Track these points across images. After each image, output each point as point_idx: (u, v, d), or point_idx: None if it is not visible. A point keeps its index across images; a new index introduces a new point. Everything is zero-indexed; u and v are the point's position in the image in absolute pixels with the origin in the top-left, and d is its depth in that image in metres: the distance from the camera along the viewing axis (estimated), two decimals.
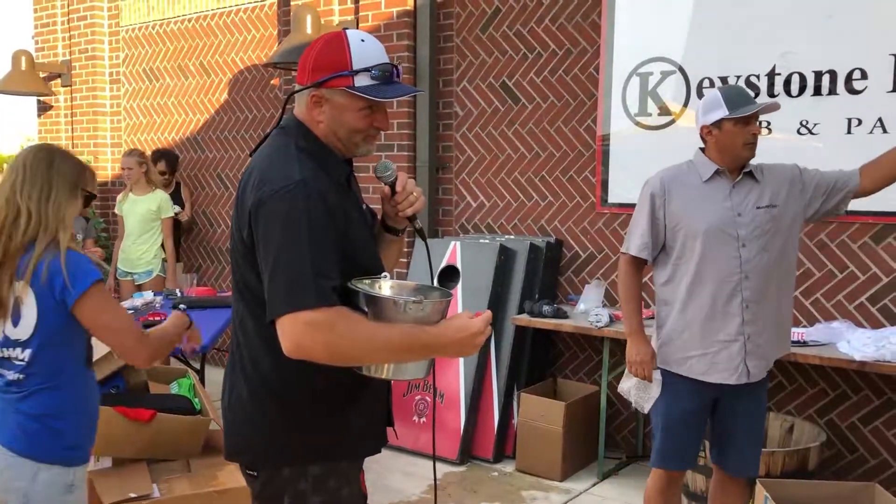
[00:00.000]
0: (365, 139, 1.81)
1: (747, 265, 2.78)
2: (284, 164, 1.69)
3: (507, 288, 4.72)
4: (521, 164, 5.07)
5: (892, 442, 3.89)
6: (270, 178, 1.65)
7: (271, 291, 1.60)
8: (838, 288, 4.01)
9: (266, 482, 1.81)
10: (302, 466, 1.78)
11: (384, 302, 1.66)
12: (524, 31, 4.99)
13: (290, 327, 1.57)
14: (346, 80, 1.73)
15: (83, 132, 7.58)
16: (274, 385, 1.76)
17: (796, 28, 4.01)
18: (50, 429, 2.12)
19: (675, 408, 2.94)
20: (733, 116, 2.80)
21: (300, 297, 1.56)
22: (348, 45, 1.75)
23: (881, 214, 3.85)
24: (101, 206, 7.46)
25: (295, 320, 1.56)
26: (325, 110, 1.77)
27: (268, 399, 1.77)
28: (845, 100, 3.89)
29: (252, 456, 1.82)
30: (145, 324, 4.28)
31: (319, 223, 1.63)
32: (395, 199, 1.90)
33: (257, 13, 6.43)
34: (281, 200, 1.62)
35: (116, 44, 7.47)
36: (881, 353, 3.40)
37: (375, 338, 1.60)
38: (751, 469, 3.01)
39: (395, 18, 5.31)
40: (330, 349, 1.58)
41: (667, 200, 2.89)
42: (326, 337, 1.56)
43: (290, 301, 1.57)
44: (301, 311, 1.56)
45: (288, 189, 1.62)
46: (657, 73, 4.46)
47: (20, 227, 2.10)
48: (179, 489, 3.06)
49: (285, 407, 1.76)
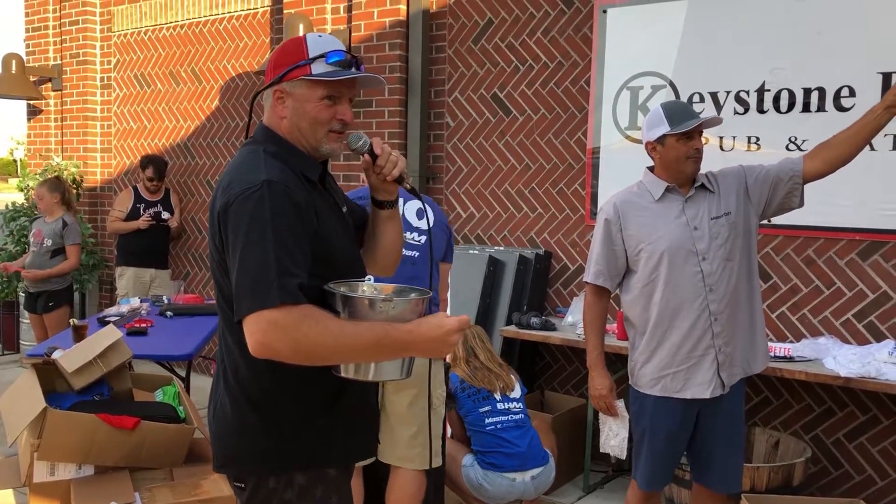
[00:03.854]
0: (328, 135, 1.81)
1: (710, 278, 2.77)
2: (251, 167, 1.70)
3: (496, 299, 4.71)
4: (512, 175, 5.07)
5: (877, 458, 3.90)
6: (236, 181, 1.67)
7: (237, 292, 1.60)
8: (825, 304, 4.02)
9: (253, 493, 1.79)
10: (287, 475, 1.76)
11: (356, 301, 1.66)
12: (516, 44, 5.01)
13: (254, 326, 1.56)
14: (303, 69, 1.76)
15: (73, 137, 7.55)
16: (253, 393, 1.75)
17: (786, 44, 4.04)
18: None
19: (659, 429, 2.92)
20: (675, 132, 2.79)
21: (263, 295, 1.55)
22: (305, 40, 1.80)
23: (868, 231, 3.87)
24: (90, 213, 7.43)
25: (258, 319, 1.55)
26: (288, 105, 1.79)
27: (248, 408, 1.76)
28: (834, 117, 3.91)
29: (237, 467, 1.81)
30: (130, 331, 4.28)
31: (284, 221, 1.62)
32: (377, 166, 1.89)
33: (250, 21, 6.43)
34: (246, 201, 1.62)
35: (108, 49, 7.45)
36: (867, 369, 3.41)
37: (343, 335, 1.59)
38: (733, 484, 2.98)
39: (387, 28, 5.32)
40: (294, 347, 1.56)
41: (623, 225, 2.89)
42: (290, 335, 1.55)
43: (253, 300, 1.56)
44: (264, 309, 1.55)
45: (253, 189, 1.63)
46: (648, 88, 4.49)
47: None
48: (162, 498, 3.03)
49: (265, 415, 1.76)
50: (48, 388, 3.30)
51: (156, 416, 3.26)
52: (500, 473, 3.67)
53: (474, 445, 3.77)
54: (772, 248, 4.14)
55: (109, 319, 4.55)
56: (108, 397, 3.41)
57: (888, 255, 3.84)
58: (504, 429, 3.73)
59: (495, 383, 3.79)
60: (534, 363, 4.96)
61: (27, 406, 3.05)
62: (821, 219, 3.97)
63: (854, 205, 3.89)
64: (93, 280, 7.20)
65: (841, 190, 3.90)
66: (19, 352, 7.17)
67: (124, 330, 4.15)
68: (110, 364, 3.37)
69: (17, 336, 7.25)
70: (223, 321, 1.80)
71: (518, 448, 3.69)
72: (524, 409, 3.85)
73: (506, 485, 3.68)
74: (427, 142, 5.42)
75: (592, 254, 2.97)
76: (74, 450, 3.04)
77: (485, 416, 3.73)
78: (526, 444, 3.72)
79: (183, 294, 5.64)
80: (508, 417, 3.76)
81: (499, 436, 3.72)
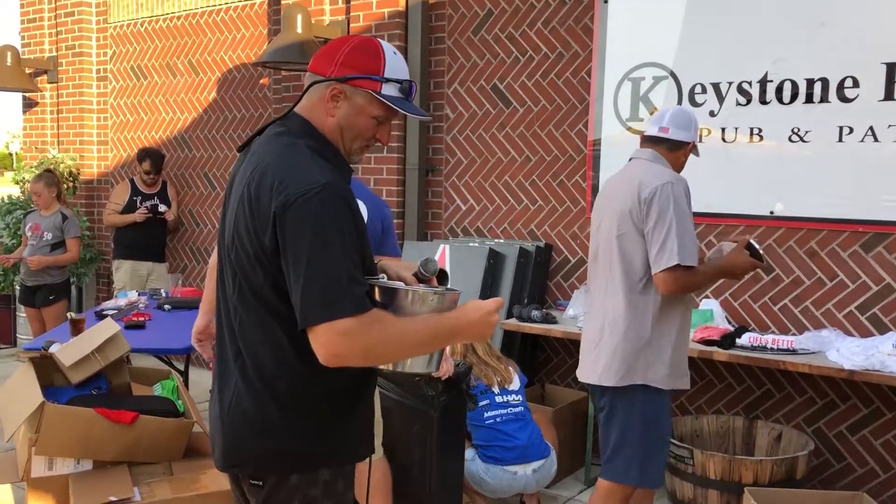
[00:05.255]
0: (362, 148, 1.82)
1: None
2: (303, 166, 1.66)
3: (496, 292, 4.69)
4: (512, 167, 5.04)
5: (880, 451, 3.88)
6: (292, 179, 1.61)
7: (305, 299, 1.56)
8: (828, 296, 4.00)
9: (272, 491, 1.76)
10: (312, 472, 1.75)
11: (404, 295, 1.69)
12: (516, 34, 4.97)
13: (325, 336, 1.55)
14: (375, 84, 1.74)
15: (69, 129, 7.50)
16: (281, 393, 1.72)
17: (789, 35, 4.01)
18: None
19: (666, 424, 2.93)
20: (695, 143, 2.93)
21: (337, 305, 1.54)
22: (383, 53, 1.77)
23: (871, 223, 3.84)
24: (87, 206, 7.39)
25: (331, 329, 1.54)
26: (342, 107, 1.75)
27: (274, 407, 1.72)
28: (837, 108, 3.88)
29: (256, 465, 1.77)
30: (128, 324, 4.25)
31: (347, 227, 1.61)
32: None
33: (247, 12, 6.38)
34: (308, 203, 1.58)
35: (104, 41, 7.39)
36: (870, 361, 3.39)
37: (406, 334, 1.63)
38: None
39: (386, 19, 5.28)
40: (365, 354, 1.59)
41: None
42: (362, 343, 1.56)
43: (325, 310, 1.55)
44: (336, 320, 1.54)
45: (315, 192, 1.59)
46: (649, 79, 4.45)
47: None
48: (161, 493, 3.00)
49: (293, 414, 1.73)
50: (45, 382, 3.28)
51: (154, 410, 3.24)
52: (501, 467, 3.66)
53: (475, 440, 3.75)
54: (774, 241, 4.12)
55: (107, 313, 4.52)
56: (105, 391, 3.39)
57: (891, 247, 3.82)
58: (503, 422, 3.71)
59: (493, 377, 3.78)
60: (535, 356, 4.94)
61: (24, 400, 3.03)
62: (823, 211, 3.95)
63: (857, 196, 3.86)
64: (90, 274, 7.17)
65: (844, 182, 3.88)
66: (16, 346, 7.13)
67: (122, 323, 4.13)
68: (108, 358, 3.34)
69: (13, 330, 7.21)
70: (248, 316, 1.72)
71: (517, 441, 3.68)
72: (524, 401, 3.83)
73: (507, 478, 3.66)
74: (426, 133, 5.38)
75: (689, 233, 2.71)
76: (72, 444, 3.02)
77: (484, 410, 3.72)
78: (526, 436, 3.71)
79: (181, 287, 5.60)
80: (507, 411, 3.74)
81: (498, 429, 3.70)
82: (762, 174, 4.11)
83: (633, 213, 2.78)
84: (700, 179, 4.27)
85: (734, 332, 3.81)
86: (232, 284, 1.75)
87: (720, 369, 4.31)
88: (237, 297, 1.74)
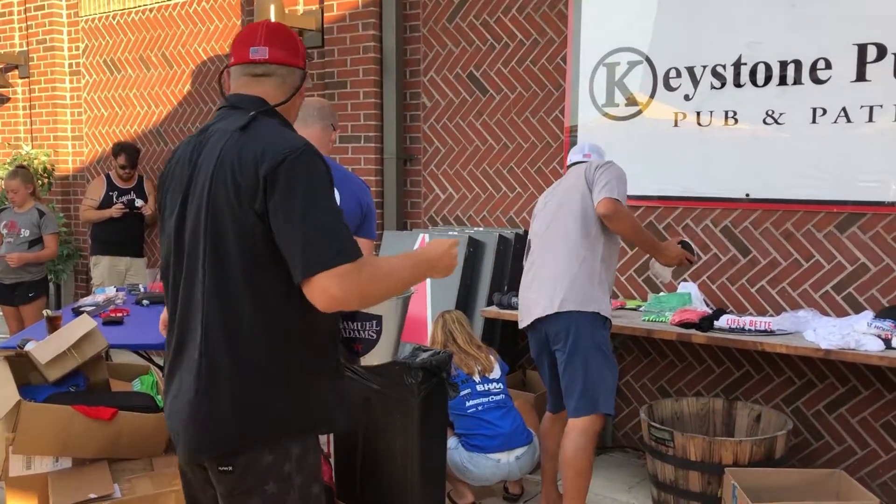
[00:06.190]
0: None
1: None
2: (281, 135, 1.75)
3: (477, 280, 4.69)
4: (490, 155, 5.04)
5: (857, 429, 3.93)
6: (275, 145, 1.69)
7: (306, 250, 1.62)
8: (804, 277, 4.04)
9: (244, 473, 1.75)
10: (284, 448, 1.77)
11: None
12: (491, 21, 4.95)
13: (326, 281, 1.61)
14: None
15: (42, 125, 7.41)
16: (267, 364, 1.74)
17: (762, 18, 4.02)
18: None
19: (612, 353, 3.37)
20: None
21: (337, 253, 1.62)
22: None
23: (846, 203, 3.88)
24: (63, 202, 7.31)
25: (331, 275, 1.61)
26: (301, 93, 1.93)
27: (254, 379, 1.74)
28: (810, 89, 3.91)
29: (234, 445, 1.74)
30: (106, 320, 4.21)
31: (330, 182, 1.72)
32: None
33: (220, 3, 6.31)
34: (297, 162, 1.67)
35: (76, 34, 7.30)
36: (846, 340, 3.42)
37: (392, 272, 1.74)
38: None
39: (360, 8, 5.25)
40: (363, 294, 1.67)
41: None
42: (359, 284, 1.64)
43: (328, 257, 1.61)
44: (340, 265, 1.61)
45: (301, 151, 1.68)
46: (624, 64, 4.46)
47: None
48: (142, 488, 2.99)
49: (275, 383, 1.75)
50: (22, 381, 3.24)
51: (134, 405, 3.22)
52: (484, 455, 3.67)
53: (457, 429, 3.76)
54: (750, 223, 4.15)
55: (84, 309, 4.47)
56: (83, 388, 3.36)
57: (865, 227, 3.85)
58: (485, 410, 3.72)
59: (473, 366, 3.78)
60: (516, 343, 4.95)
61: (0, 399, 2.99)
62: (799, 192, 3.98)
63: (831, 178, 3.89)
64: (68, 270, 7.10)
65: (818, 163, 3.91)
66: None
67: (100, 319, 4.09)
68: (85, 355, 3.31)
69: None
70: (235, 295, 1.72)
71: (500, 429, 3.69)
72: (505, 389, 3.84)
73: (490, 466, 3.67)
74: (403, 123, 5.36)
75: (618, 180, 3.22)
76: (51, 442, 2.99)
77: (465, 399, 3.72)
78: (508, 424, 3.72)
79: (159, 282, 5.56)
80: (489, 399, 3.75)
81: (480, 417, 3.71)
82: (737, 157, 4.13)
83: (587, 180, 3.30)
84: (675, 163, 4.31)
85: (712, 315, 3.83)
86: (209, 268, 1.73)
87: (699, 352, 4.34)
88: (211, 276, 1.73)
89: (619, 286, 4.59)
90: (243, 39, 1.88)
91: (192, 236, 1.77)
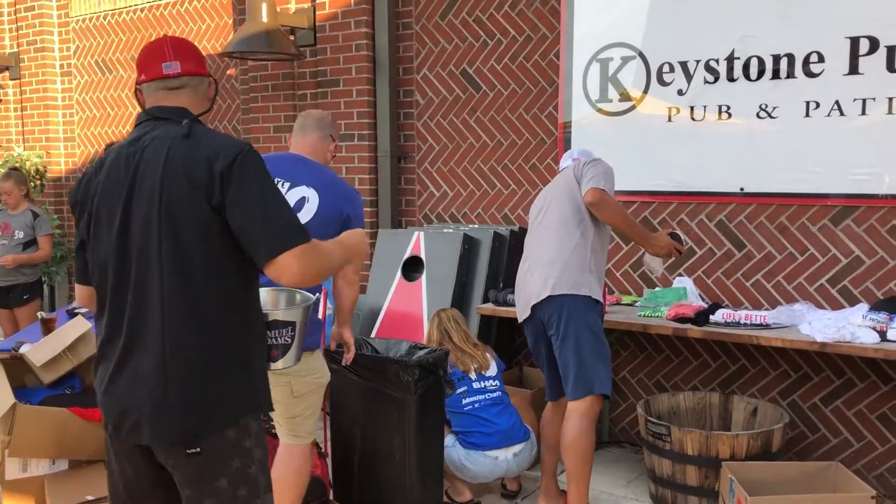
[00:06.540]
0: None
1: None
2: (222, 136, 1.95)
3: (472, 277, 4.69)
4: (484, 152, 5.03)
5: (853, 421, 3.95)
6: (224, 146, 1.87)
7: (269, 232, 1.81)
8: (799, 270, 4.05)
9: (212, 454, 1.87)
10: (245, 425, 1.91)
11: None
12: (483, 18, 4.95)
13: (288, 260, 1.80)
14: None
15: (34, 126, 7.38)
16: (236, 342, 1.91)
17: (755, 11, 4.02)
18: None
19: (604, 336, 3.42)
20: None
21: (296, 233, 1.83)
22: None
23: (839, 196, 3.88)
24: (56, 204, 7.28)
25: (292, 254, 1.80)
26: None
27: (226, 359, 1.89)
28: (803, 83, 3.91)
29: (203, 429, 1.86)
30: None
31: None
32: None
33: (211, 2, 6.30)
34: (248, 157, 1.86)
35: (67, 35, 7.27)
36: (841, 333, 3.43)
37: (332, 252, 1.97)
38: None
39: (352, 6, 5.24)
40: (316, 271, 1.87)
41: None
42: (317, 261, 1.86)
43: (289, 239, 1.81)
44: (300, 245, 1.81)
45: (248, 150, 1.88)
46: (617, 59, 4.45)
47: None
48: None
49: (238, 357, 1.92)
50: (17, 383, 3.24)
51: None
52: (482, 452, 3.67)
53: (454, 426, 3.76)
54: (745, 217, 4.15)
55: (79, 311, 4.45)
56: (79, 390, 3.36)
57: (860, 220, 3.86)
58: (482, 407, 3.72)
59: (469, 364, 3.79)
60: (512, 340, 4.95)
61: None
62: (793, 186, 3.99)
63: (825, 171, 3.90)
64: (61, 272, 7.07)
65: (812, 156, 3.92)
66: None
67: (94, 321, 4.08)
68: (80, 356, 3.31)
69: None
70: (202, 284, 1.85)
71: (497, 426, 3.69)
72: (501, 386, 3.84)
73: (488, 463, 3.67)
74: (397, 120, 5.36)
75: (605, 175, 3.34)
76: (47, 445, 2.99)
77: (462, 397, 3.73)
78: (505, 421, 3.72)
79: None
80: (485, 396, 3.75)
81: (477, 415, 3.71)
82: (731, 151, 4.13)
83: (576, 176, 3.42)
84: (670, 158, 4.32)
85: (708, 309, 3.84)
86: (169, 261, 1.84)
87: (695, 346, 4.35)
88: (170, 272, 1.84)
89: (614, 281, 4.59)
90: (153, 56, 2.00)
91: (142, 239, 1.86)
